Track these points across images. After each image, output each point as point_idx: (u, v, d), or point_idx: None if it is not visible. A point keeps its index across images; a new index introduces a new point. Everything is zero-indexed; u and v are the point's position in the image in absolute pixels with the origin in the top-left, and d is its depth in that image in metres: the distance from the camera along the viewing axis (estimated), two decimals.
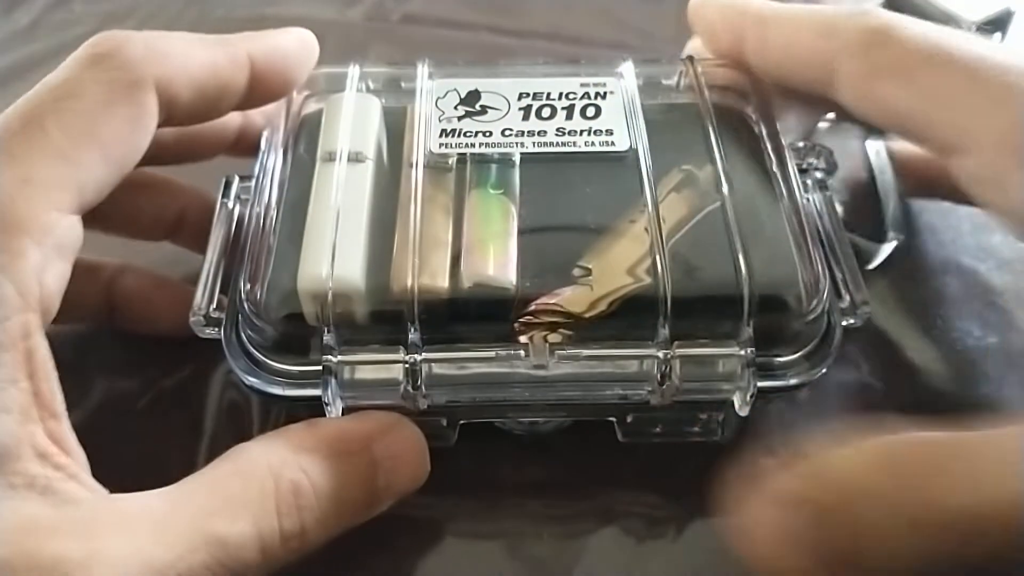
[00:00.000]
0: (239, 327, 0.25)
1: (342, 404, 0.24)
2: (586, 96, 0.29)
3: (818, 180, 0.30)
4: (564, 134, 0.28)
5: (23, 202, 0.21)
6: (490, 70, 0.30)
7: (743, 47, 0.29)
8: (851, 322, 0.25)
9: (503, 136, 0.28)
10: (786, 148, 0.29)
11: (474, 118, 0.28)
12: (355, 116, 0.28)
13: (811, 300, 0.24)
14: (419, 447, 0.24)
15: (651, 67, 0.31)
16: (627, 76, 0.30)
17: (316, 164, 0.27)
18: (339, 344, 0.24)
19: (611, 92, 0.29)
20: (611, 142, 0.28)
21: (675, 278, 0.24)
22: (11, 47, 0.43)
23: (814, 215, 0.28)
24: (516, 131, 0.28)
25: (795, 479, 0.20)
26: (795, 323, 0.24)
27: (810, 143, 0.31)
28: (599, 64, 0.31)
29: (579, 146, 0.28)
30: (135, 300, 0.30)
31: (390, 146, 0.28)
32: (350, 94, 0.29)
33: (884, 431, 0.20)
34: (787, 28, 0.28)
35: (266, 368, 0.24)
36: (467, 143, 0.28)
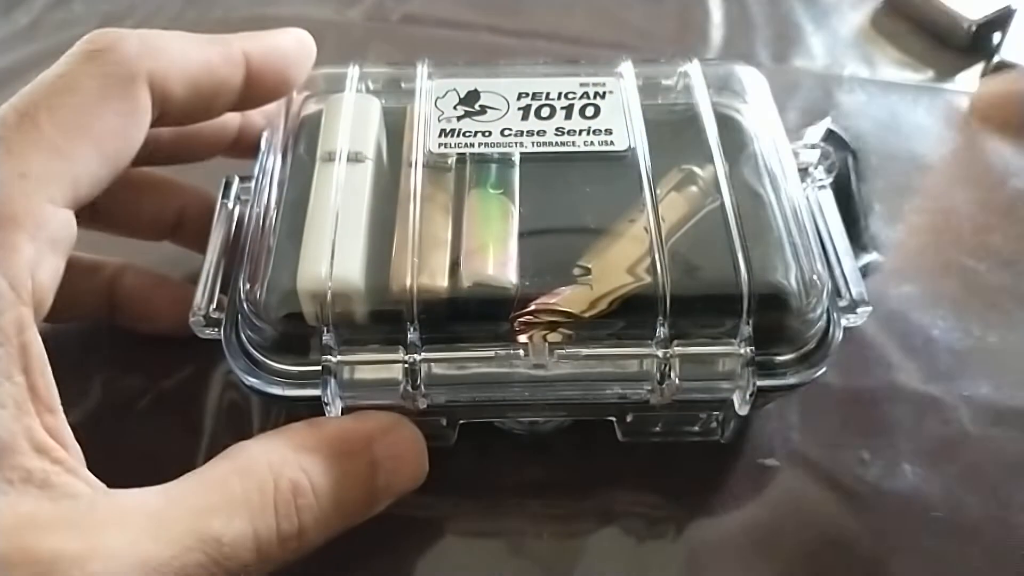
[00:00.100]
0: (239, 327, 0.25)
1: (341, 404, 0.24)
2: (585, 96, 0.29)
3: (817, 180, 0.30)
4: (563, 134, 0.28)
5: (18, 196, 0.21)
6: (489, 70, 0.30)
7: None
8: (851, 321, 0.26)
9: (502, 136, 0.28)
10: (786, 148, 0.29)
11: (473, 118, 0.28)
12: (355, 116, 0.28)
13: (810, 299, 0.24)
14: (419, 447, 0.24)
15: (650, 67, 0.31)
16: (626, 76, 0.30)
17: (316, 164, 0.27)
18: (339, 344, 0.24)
19: (610, 92, 0.29)
20: (610, 142, 0.28)
21: (674, 277, 0.24)
22: (11, 47, 0.43)
23: (814, 214, 0.28)
24: (515, 131, 0.28)
25: None
26: (794, 322, 0.24)
27: (810, 143, 0.31)
28: (599, 64, 0.31)
29: (578, 146, 0.28)
30: (136, 299, 0.30)
31: (390, 146, 0.28)
32: (350, 94, 0.29)
33: None
34: None
35: (266, 368, 0.24)
36: (466, 143, 0.28)
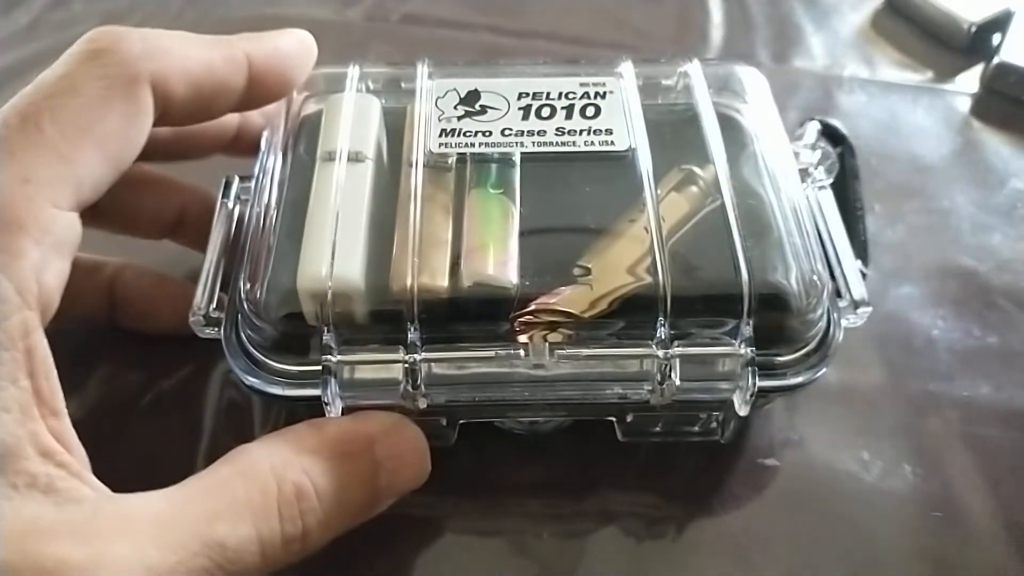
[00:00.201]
0: (239, 327, 0.25)
1: (342, 404, 0.24)
2: (585, 96, 0.29)
3: (818, 180, 0.30)
4: (564, 134, 0.28)
5: (22, 201, 0.21)
6: (490, 70, 0.30)
7: None
8: (851, 321, 0.25)
9: (503, 136, 0.28)
10: (786, 147, 0.29)
11: (474, 118, 0.28)
12: (355, 116, 0.28)
13: (811, 299, 0.24)
14: (420, 447, 0.24)
15: (650, 67, 0.31)
16: (626, 76, 0.30)
17: (316, 164, 0.27)
18: (339, 344, 0.24)
19: (610, 92, 0.29)
20: (611, 142, 0.28)
21: (675, 277, 0.24)
22: (11, 47, 0.43)
23: (814, 214, 0.28)
24: (516, 131, 0.28)
25: None
26: (795, 322, 0.24)
27: (811, 143, 0.31)
28: (599, 64, 0.31)
29: (579, 146, 0.28)
30: (136, 298, 0.30)
31: (390, 146, 0.28)
32: (350, 94, 0.29)
33: None
34: None
35: (266, 368, 0.24)
36: (467, 143, 0.28)
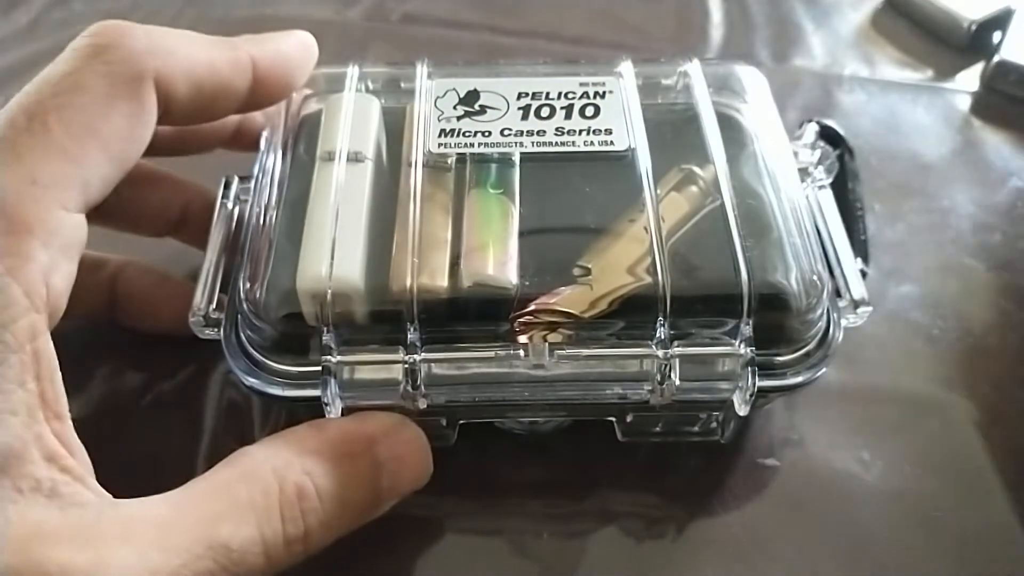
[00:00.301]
0: (239, 327, 0.25)
1: (342, 404, 0.24)
2: (585, 96, 0.29)
3: (818, 179, 0.30)
4: (563, 134, 0.28)
5: (31, 203, 0.21)
6: (489, 70, 0.30)
7: None
8: (851, 321, 0.25)
9: (502, 136, 0.28)
10: (786, 147, 0.29)
11: (473, 118, 0.28)
12: (354, 116, 0.28)
13: (811, 299, 0.24)
14: (422, 448, 0.24)
15: (650, 67, 0.31)
16: (626, 76, 0.30)
17: (315, 164, 0.27)
18: (338, 344, 0.24)
19: (610, 92, 0.29)
20: (610, 141, 0.28)
21: (675, 277, 0.24)
22: (11, 47, 0.43)
23: (814, 214, 0.28)
24: (515, 131, 0.28)
25: None
26: (795, 322, 0.24)
27: (811, 143, 0.31)
28: (598, 64, 0.31)
29: (578, 146, 0.28)
30: (137, 296, 0.30)
31: (389, 146, 0.28)
32: (349, 94, 0.29)
33: None
34: None
35: (265, 368, 0.24)
36: (466, 143, 0.28)
